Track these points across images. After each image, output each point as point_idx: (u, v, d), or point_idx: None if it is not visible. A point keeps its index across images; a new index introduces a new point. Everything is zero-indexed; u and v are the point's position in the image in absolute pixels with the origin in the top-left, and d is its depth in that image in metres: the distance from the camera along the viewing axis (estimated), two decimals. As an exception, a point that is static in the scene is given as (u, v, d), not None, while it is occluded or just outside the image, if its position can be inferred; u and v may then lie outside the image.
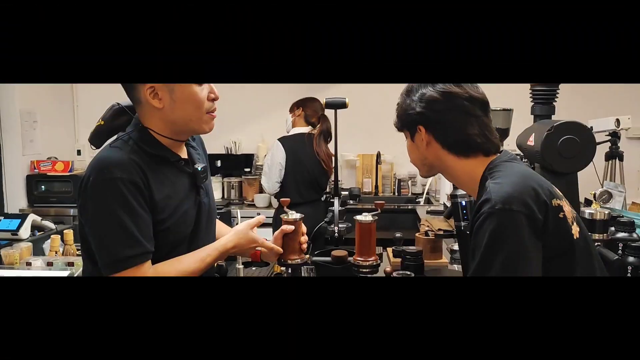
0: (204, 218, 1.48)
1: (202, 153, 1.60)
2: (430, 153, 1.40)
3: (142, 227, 1.31)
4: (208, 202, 1.52)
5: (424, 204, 4.07)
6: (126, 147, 1.36)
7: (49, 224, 2.87)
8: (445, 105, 1.34)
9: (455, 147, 1.36)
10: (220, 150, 4.46)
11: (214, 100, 1.42)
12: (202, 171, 1.47)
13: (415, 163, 1.48)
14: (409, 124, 1.42)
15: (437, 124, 1.36)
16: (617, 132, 3.27)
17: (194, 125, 1.42)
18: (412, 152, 1.47)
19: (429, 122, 1.37)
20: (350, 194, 2.87)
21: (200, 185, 1.48)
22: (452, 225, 2.22)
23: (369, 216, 1.67)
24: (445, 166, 1.40)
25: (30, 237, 2.69)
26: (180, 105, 1.37)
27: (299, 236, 1.66)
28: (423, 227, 2.69)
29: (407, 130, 1.44)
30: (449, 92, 1.34)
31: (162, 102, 1.37)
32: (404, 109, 1.42)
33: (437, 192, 4.13)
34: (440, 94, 1.34)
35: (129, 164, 1.32)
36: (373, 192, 4.45)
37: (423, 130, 1.38)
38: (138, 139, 1.39)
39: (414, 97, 1.38)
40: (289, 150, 3.42)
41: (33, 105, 4.06)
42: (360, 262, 1.67)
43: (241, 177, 4.37)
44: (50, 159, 4.11)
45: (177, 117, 1.39)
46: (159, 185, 1.36)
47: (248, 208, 4.10)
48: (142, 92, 1.37)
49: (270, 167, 3.46)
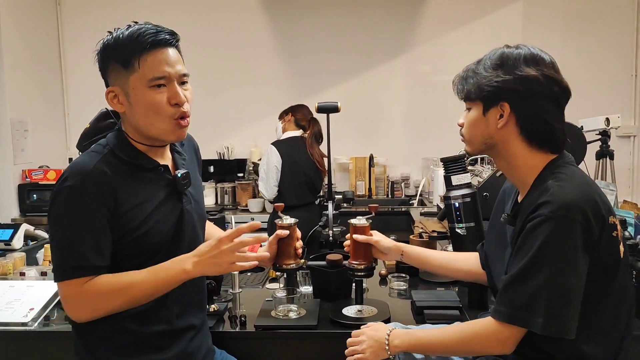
0: (187, 225, 1.44)
1: (190, 158, 1.57)
2: (500, 134, 1.31)
3: (92, 240, 1.29)
4: (194, 208, 1.48)
5: (418, 206, 4.08)
6: (98, 155, 1.35)
7: (42, 233, 2.85)
8: (544, 89, 1.26)
9: (536, 136, 1.29)
10: (213, 156, 4.44)
11: (178, 105, 1.35)
12: (182, 177, 1.43)
13: (473, 139, 1.37)
14: (489, 96, 1.30)
15: (527, 107, 1.28)
16: (607, 131, 3.30)
17: (156, 132, 1.37)
18: (474, 126, 1.35)
19: (519, 102, 1.27)
20: (344, 198, 2.89)
21: (183, 191, 1.45)
22: (445, 226, 2.23)
23: (363, 219, 1.68)
24: (508, 152, 1.32)
25: (23, 246, 2.67)
26: (138, 110, 1.35)
27: (294, 241, 1.66)
28: (417, 229, 2.70)
29: (481, 102, 1.32)
30: (550, 76, 1.26)
31: (123, 106, 1.36)
32: (488, 79, 1.29)
33: (430, 194, 4.14)
34: (542, 75, 1.26)
35: (93, 172, 1.30)
36: (366, 195, 4.46)
37: (507, 109, 1.28)
38: (114, 145, 1.38)
39: (506, 69, 1.27)
40: (284, 153, 3.44)
41: (24, 114, 4.04)
42: (355, 266, 1.68)
43: (234, 182, 4.36)
44: (41, 167, 4.08)
45: (138, 122, 1.37)
46: (130, 193, 1.34)
47: (242, 213, 4.09)
48: (107, 96, 1.37)
49: (266, 172, 3.47)
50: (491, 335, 1.25)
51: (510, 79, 1.27)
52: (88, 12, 4.53)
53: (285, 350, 1.67)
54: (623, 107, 4.21)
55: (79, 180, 1.29)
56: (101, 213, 1.30)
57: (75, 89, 4.62)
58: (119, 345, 1.36)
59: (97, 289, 1.30)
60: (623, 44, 4.31)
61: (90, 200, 1.29)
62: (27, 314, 1.72)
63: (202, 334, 1.51)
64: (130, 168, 1.37)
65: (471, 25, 4.45)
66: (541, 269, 1.18)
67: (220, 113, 4.44)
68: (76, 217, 1.29)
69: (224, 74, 4.50)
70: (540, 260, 1.18)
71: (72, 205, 1.29)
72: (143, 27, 1.34)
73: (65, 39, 4.60)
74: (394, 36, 4.51)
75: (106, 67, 1.37)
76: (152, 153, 1.43)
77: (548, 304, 1.17)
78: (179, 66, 1.37)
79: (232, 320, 1.71)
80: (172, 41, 1.36)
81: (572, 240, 1.17)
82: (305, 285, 1.96)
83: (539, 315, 1.18)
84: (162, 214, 1.39)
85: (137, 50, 1.31)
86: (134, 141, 1.40)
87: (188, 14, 4.48)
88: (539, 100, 1.28)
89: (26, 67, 4.12)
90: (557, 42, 4.26)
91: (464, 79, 1.37)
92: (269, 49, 4.56)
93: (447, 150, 2.97)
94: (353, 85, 4.54)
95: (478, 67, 1.33)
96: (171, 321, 1.40)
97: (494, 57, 1.32)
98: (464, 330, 1.32)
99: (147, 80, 1.32)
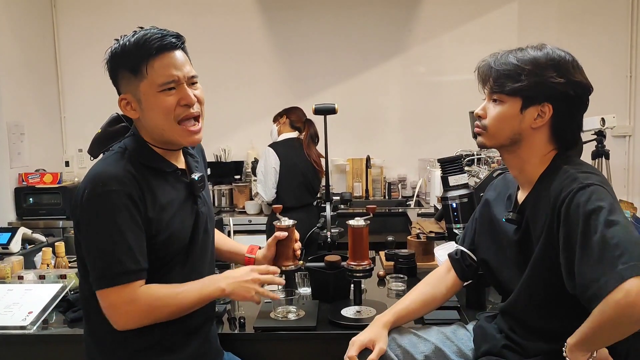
0: (201, 227, 1.47)
1: (200, 161, 1.59)
2: (531, 132, 1.30)
3: (135, 243, 1.29)
4: (206, 211, 1.50)
5: (415, 207, 4.09)
6: (122, 159, 1.35)
7: (39, 237, 2.84)
8: (583, 95, 1.29)
9: (563, 138, 1.31)
10: (210, 158, 4.45)
11: (188, 106, 1.37)
12: (199, 180, 1.45)
13: (499, 133, 1.33)
14: (535, 94, 1.27)
15: (569, 111, 1.29)
16: (603, 131, 3.31)
17: (168, 136, 1.38)
18: (505, 121, 1.31)
19: (563, 106, 1.28)
20: (341, 199, 2.90)
21: (198, 194, 1.47)
22: (443, 227, 2.23)
23: (361, 220, 1.68)
24: (530, 149, 1.32)
25: (21, 250, 2.66)
26: (150, 114, 1.36)
27: (292, 242, 1.67)
28: (414, 229, 2.71)
29: (521, 98, 1.28)
30: (587, 84, 1.29)
31: (136, 113, 1.37)
32: (539, 75, 1.26)
33: (427, 195, 4.15)
34: (587, 81, 1.28)
35: (124, 176, 1.31)
36: (364, 196, 4.46)
37: (549, 110, 1.28)
38: (133, 150, 1.38)
39: (561, 72, 1.26)
40: (282, 155, 3.44)
41: (20, 117, 4.03)
42: (353, 267, 1.68)
43: (231, 184, 4.37)
44: (38, 171, 4.08)
45: (152, 127, 1.38)
46: (154, 197, 1.35)
47: (239, 215, 4.09)
48: (120, 104, 1.38)
49: (265, 174, 3.47)
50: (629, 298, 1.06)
51: (563, 82, 1.26)
52: (83, 15, 4.53)
53: (284, 352, 1.67)
54: (618, 107, 4.24)
55: (115, 185, 1.28)
56: (137, 215, 1.30)
57: (71, 92, 4.61)
58: (135, 349, 1.36)
59: (149, 297, 1.31)
60: (618, 45, 4.34)
61: (129, 204, 1.29)
62: (26, 317, 1.72)
63: (212, 335, 1.53)
64: (151, 172, 1.38)
65: (467, 26, 4.46)
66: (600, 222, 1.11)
67: (216, 115, 4.44)
68: (115, 222, 1.28)
69: (220, 76, 4.51)
70: (597, 218, 1.12)
71: (108, 210, 1.28)
72: (149, 33, 1.34)
73: (61, 42, 4.59)
74: (390, 37, 4.53)
75: (116, 75, 1.38)
76: (169, 157, 1.44)
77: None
78: (186, 68, 1.37)
79: (231, 322, 1.71)
80: (178, 44, 1.37)
81: (612, 197, 1.16)
82: (304, 287, 1.96)
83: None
84: (182, 217, 1.41)
85: (144, 57, 1.32)
86: (152, 145, 1.41)
87: (183, 16, 4.48)
88: (579, 106, 1.30)
89: (22, 71, 4.11)
90: (552, 42, 4.12)
91: (499, 70, 1.30)
92: (265, 51, 4.57)
93: (443, 151, 2.99)
94: (349, 87, 4.55)
95: (517, 61, 1.28)
96: (185, 322, 1.40)
97: (542, 55, 1.29)
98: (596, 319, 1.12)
99: (157, 86, 1.33)
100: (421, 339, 1.47)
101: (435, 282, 1.58)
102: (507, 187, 1.46)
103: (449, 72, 4.46)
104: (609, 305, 1.06)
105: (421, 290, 1.57)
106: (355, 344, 1.41)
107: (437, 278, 1.59)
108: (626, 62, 4.33)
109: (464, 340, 1.51)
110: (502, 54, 1.33)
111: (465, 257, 1.55)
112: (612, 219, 1.11)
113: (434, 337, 1.48)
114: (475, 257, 1.53)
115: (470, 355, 1.47)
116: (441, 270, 1.61)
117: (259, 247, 1.73)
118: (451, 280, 1.57)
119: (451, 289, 1.57)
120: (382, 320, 1.48)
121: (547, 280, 1.25)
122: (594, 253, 1.10)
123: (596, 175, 1.22)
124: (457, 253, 1.57)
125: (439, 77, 4.52)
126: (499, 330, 1.40)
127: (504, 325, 1.38)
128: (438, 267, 1.65)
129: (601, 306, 1.07)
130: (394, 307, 1.53)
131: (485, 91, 1.36)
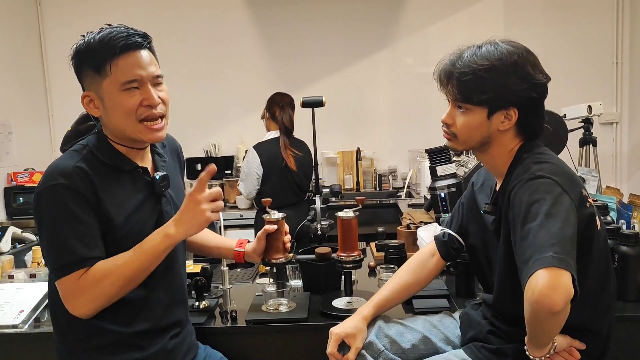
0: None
1: (171, 160, 1.57)
2: (499, 135, 1.32)
3: (86, 232, 1.29)
4: (172, 210, 1.46)
5: (405, 198, 4.11)
6: (77, 155, 1.35)
7: (29, 236, 2.84)
8: (544, 91, 1.30)
9: (530, 133, 1.32)
10: (200, 154, 4.43)
11: (150, 107, 1.35)
12: (161, 179, 1.43)
13: (469, 140, 1.35)
14: (500, 102, 1.28)
15: (534, 110, 1.30)
16: (590, 119, 3.34)
17: (130, 133, 1.37)
18: (474, 128, 1.32)
19: (528, 106, 1.29)
20: (331, 192, 2.90)
21: (161, 193, 1.45)
22: (432, 217, 2.25)
23: (350, 212, 1.69)
24: (499, 147, 1.34)
25: (11, 249, 2.66)
26: (112, 113, 1.36)
27: (282, 235, 1.68)
28: (405, 220, 2.73)
29: (487, 107, 1.29)
30: (547, 80, 1.28)
31: (99, 110, 1.37)
32: (502, 85, 1.26)
33: (417, 186, 4.16)
34: (545, 76, 1.29)
35: (72, 171, 1.30)
36: (354, 189, 4.47)
37: (515, 114, 1.29)
38: (94, 146, 1.38)
39: (520, 76, 1.26)
40: (265, 158, 3.39)
41: (7, 116, 4.00)
42: (343, 258, 1.69)
43: (222, 179, 4.36)
44: (27, 170, 4.05)
45: (114, 125, 1.38)
46: (110, 193, 1.34)
47: (230, 210, 4.08)
48: (82, 101, 1.38)
49: (247, 174, 3.44)
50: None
51: (526, 88, 1.27)
52: (69, 12, 4.49)
53: (276, 344, 1.68)
54: (605, 94, 4.26)
55: (61, 178, 1.29)
56: (86, 207, 1.30)
57: (58, 89, 4.58)
58: (96, 345, 1.36)
59: (91, 278, 1.30)
60: (604, 32, 4.35)
61: (74, 196, 1.29)
62: (17, 316, 1.72)
63: (186, 330, 1.52)
64: (109, 169, 1.37)
65: (453, 16, 4.47)
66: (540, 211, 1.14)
67: (205, 110, 4.43)
68: (62, 214, 1.28)
69: (209, 71, 4.49)
70: (536, 211, 1.15)
71: (56, 203, 1.29)
72: (114, 31, 1.33)
73: (47, 40, 4.55)
74: (377, 29, 4.53)
75: (80, 72, 1.38)
76: (132, 155, 1.43)
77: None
78: (151, 68, 1.36)
79: (223, 316, 1.72)
80: (143, 44, 1.36)
81: (557, 193, 1.17)
82: (295, 279, 1.97)
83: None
84: (141, 216, 1.39)
85: (109, 55, 1.31)
86: (115, 143, 1.40)
87: (170, 12, 4.45)
88: (542, 100, 1.32)
89: (8, 69, 4.07)
90: (538, 31, 4.29)
91: (458, 79, 1.29)
92: (253, 45, 4.55)
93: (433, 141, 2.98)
94: (338, 80, 4.55)
95: (479, 69, 1.26)
96: (156, 319, 1.41)
97: (500, 60, 1.26)
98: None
99: (119, 84, 1.33)
100: (408, 328, 1.49)
101: (415, 268, 1.60)
102: (490, 178, 1.48)
103: (436, 63, 4.45)
104: (526, 302, 1.09)
105: (401, 277, 1.59)
106: (333, 338, 1.45)
107: (418, 263, 1.61)
108: (612, 49, 4.35)
109: (451, 327, 1.53)
110: (459, 57, 1.32)
111: (454, 240, 1.57)
112: (552, 211, 1.13)
113: (420, 326, 1.51)
114: (463, 241, 1.55)
115: (456, 342, 1.49)
116: (424, 254, 1.62)
117: (248, 241, 1.74)
118: (434, 264, 1.59)
119: (433, 272, 1.60)
120: (362, 314, 1.50)
121: (515, 268, 1.23)
122: (528, 239, 1.12)
123: (550, 165, 1.24)
124: (445, 235, 1.58)
125: (426, 68, 4.47)
126: (483, 317, 1.42)
127: (488, 313, 1.41)
128: (421, 250, 1.67)
129: (525, 304, 1.11)
130: (373, 299, 1.55)
131: (447, 95, 1.36)
